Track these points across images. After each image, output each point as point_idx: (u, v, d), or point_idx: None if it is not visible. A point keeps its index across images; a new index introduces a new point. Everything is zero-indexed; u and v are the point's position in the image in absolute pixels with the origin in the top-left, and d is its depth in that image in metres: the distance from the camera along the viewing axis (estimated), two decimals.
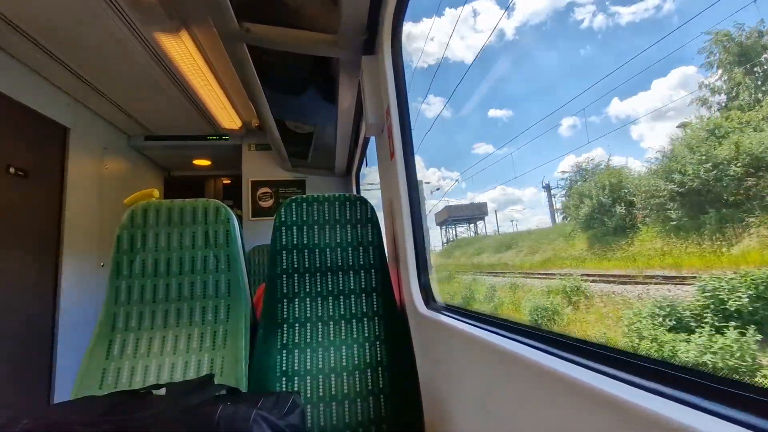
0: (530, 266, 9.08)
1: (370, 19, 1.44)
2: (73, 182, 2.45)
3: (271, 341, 1.18)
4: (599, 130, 20.45)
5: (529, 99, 55.37)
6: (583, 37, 38.43)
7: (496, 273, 10.14)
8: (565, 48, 44.18)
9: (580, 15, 36.30)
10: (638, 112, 20.32)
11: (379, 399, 1.16)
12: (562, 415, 0.50)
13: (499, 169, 52.64)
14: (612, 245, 6.66)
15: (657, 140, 12.39)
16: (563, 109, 18.17)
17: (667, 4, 24.40)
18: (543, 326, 5.72)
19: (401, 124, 1.38)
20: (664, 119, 12.42)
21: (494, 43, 49.85)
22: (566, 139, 23.25)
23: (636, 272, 5.30)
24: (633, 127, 21.26)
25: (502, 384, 0.66)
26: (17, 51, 1.97)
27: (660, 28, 24.94)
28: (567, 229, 8.70)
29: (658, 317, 3.83)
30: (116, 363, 1.10)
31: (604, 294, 5.48)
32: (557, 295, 6.17)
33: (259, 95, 2.09)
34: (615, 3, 30.65)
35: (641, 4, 25.92)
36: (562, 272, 6.84)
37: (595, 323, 5.24)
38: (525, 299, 7.05)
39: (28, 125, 2.16)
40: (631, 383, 0.44)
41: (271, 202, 3.56)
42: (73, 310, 2.35)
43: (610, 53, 34.19)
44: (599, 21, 34.39)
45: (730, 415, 0.35)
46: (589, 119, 17.50)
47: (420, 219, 1.32)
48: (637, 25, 28.23)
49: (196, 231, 1.27)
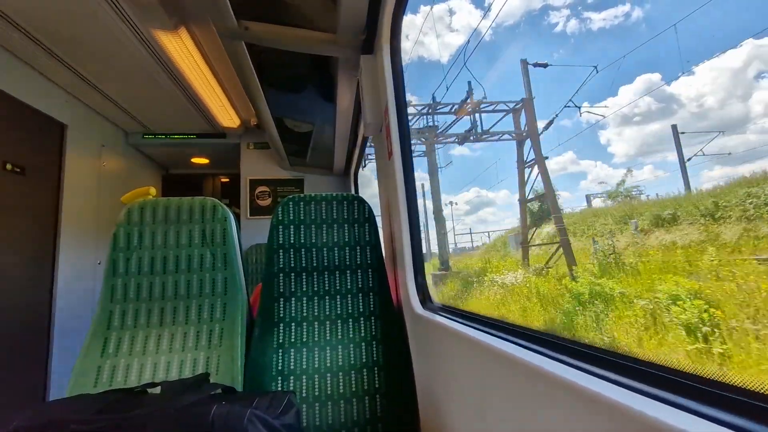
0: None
1: (369, 19, 1.44)
2: (71, 179, 2.44)
3: (267, 340, 1.18)
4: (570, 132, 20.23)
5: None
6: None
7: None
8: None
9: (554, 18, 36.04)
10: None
11: (375, 399, 1.16)
12: (556, 417, 0.50)
13: (472, 169, 52.04)
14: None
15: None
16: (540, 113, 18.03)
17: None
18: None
19: (399, 124, 1.37)
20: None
21: (472, 43, 50.27)
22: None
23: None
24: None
25: (497, 385, 0.67)
26: (15, 47, 1.96)
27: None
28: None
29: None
30: (112, 361, 1.10)
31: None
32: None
33: (258, 94, 2.09)
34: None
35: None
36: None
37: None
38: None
39: (26, 122, 2.15)
40: (626, 386, 0.44)
41: (269, 200, 3.56)
42: (68, 308, 2.34)
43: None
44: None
45: (725, 420, 0.35)
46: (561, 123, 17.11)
47: (417, 219, 1.32)
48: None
49: (193, 229, 1.26)
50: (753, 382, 0.37)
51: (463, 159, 69.67)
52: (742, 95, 38.81)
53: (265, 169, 3.58)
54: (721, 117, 35.81)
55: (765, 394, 0.36)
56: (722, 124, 35.80)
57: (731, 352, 3.46)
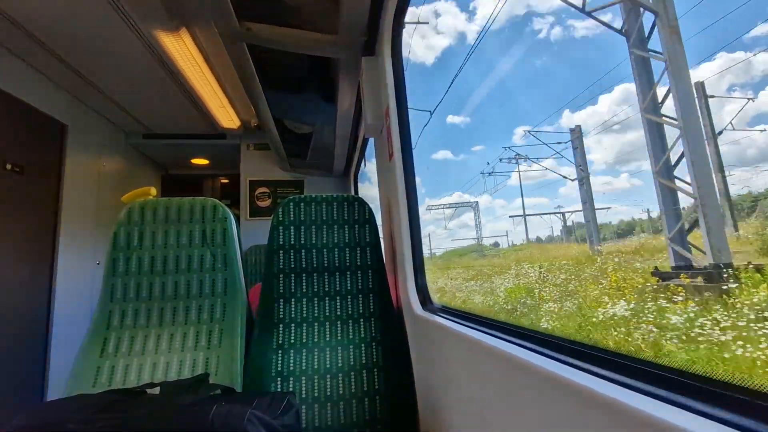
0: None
1: (370, 20, 1.44)
2: (70, 179, 2.44)
3: (266, 341, 1.18)
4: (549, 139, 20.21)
5: (487, 107, 56.08)
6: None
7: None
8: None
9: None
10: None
11: (375, 400, 1.15)
12: (558, 418, 0.50)
13: (454, 174, 52.42)
14: None
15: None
16: (519, 118, 18.02)
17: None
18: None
19: (400, 126, 1.38)
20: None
21: (455, 45, 50.34)
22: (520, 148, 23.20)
23: None
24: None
25: (498, 386, 0.66)
26: (17, 47, 1.97)
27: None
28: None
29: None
30: (110, 361, 1.10)
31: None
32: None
33: (259, 95, 2.09)
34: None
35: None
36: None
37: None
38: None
39: (26, 121, 2.15)
40: (624, 384, 0.44)
41: (269, 201, 3.55)
42: (67, 308, 2.34)
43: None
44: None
45: (723, 417, 0.35)
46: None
47: (418, 220, 1.32)
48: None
49: (194, 229, 1.26)
50: (746, 380, 0.37)
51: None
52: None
53: (265, 170, 3.58)
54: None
55: (757, 390, 0.36)
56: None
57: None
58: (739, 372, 1.82)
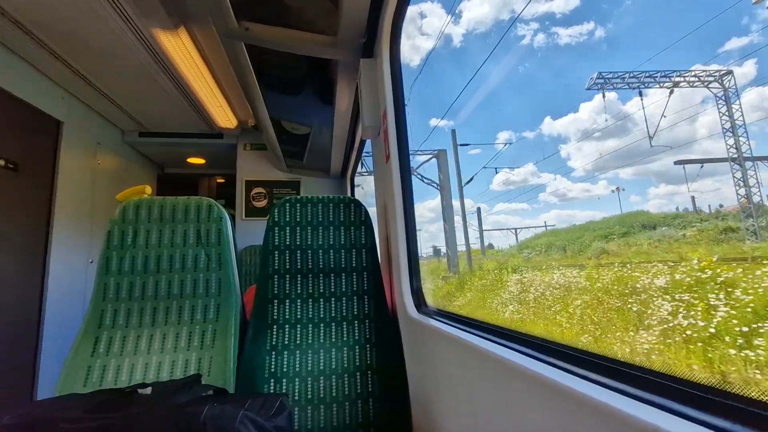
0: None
1: (369, 22, 1.44)
2: (65, 177, 2.42)
3: (260, 342, 1.18)
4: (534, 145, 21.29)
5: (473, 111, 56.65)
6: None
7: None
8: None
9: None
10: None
11: (368, 402, 1.15)
12: (549, 421, 0.50)
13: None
14: None
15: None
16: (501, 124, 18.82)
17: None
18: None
19: (397, 128, 1.38)
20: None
21: (439, 48, 50.98)
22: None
23: None
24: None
25: (491, 389, 0.67)
26: (12, 43, 1.95)
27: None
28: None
29: None
30: (102, 360, 1.09)
31: None
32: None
33: (256, 95, 2.09)
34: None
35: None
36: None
37: None
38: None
39: (21, 118, 2.13)
40: (615, 389, 0.45)
41: (265, 202, 3.54)
42: (59, 307, 2.31)
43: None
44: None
45: (712, 423, 0.36)
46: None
47: (414, 223, 1.32)
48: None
49: (188, 229, 1.26)
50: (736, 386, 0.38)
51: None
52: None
53: (261, 170, 3.57)
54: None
55: (744, 396, 0.36)
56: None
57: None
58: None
